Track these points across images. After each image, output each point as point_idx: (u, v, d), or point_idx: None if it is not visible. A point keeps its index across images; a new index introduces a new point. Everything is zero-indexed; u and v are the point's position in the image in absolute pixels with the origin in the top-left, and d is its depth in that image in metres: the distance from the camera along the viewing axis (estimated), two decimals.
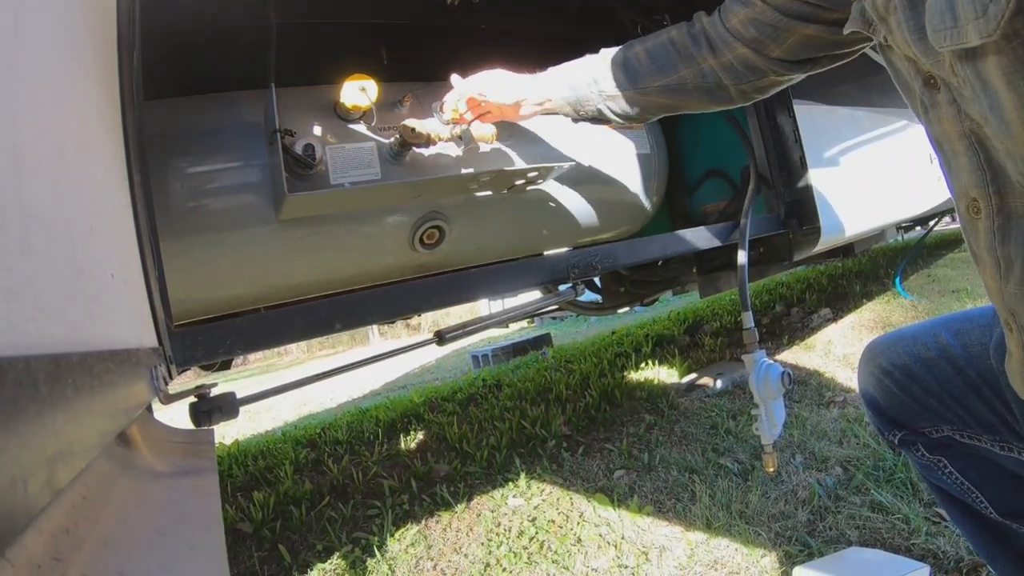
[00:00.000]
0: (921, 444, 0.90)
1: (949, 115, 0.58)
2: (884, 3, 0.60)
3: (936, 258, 4.29)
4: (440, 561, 1.54)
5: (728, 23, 0.90)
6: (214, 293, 1.35)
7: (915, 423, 0.89)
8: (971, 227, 0.59)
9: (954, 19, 0.50)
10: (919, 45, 0.56)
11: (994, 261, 0.57)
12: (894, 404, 0.90)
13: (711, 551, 1.37)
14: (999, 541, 0.89)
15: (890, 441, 0.93)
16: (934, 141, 0.62)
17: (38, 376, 0.25)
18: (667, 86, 1.00)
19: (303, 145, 1.24)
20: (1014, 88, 0.48)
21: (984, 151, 0.55)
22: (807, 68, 0.89)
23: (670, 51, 0.98)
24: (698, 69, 0.96)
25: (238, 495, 2.11)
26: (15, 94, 0.31)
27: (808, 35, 0.81)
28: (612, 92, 1.05)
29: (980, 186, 0.56)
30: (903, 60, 0.62)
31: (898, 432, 0.91)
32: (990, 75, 0.50)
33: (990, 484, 0.85)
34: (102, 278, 0.47)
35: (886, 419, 0.93)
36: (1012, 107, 0.49)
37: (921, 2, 0.55)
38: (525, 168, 1.40)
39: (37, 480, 0.24)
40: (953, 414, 0.84)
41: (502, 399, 2.85)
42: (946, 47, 0.52)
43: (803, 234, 1.86)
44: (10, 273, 0.25)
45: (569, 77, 1.10)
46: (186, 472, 0.63)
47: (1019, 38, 0.47)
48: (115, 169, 0.66)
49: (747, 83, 0.93)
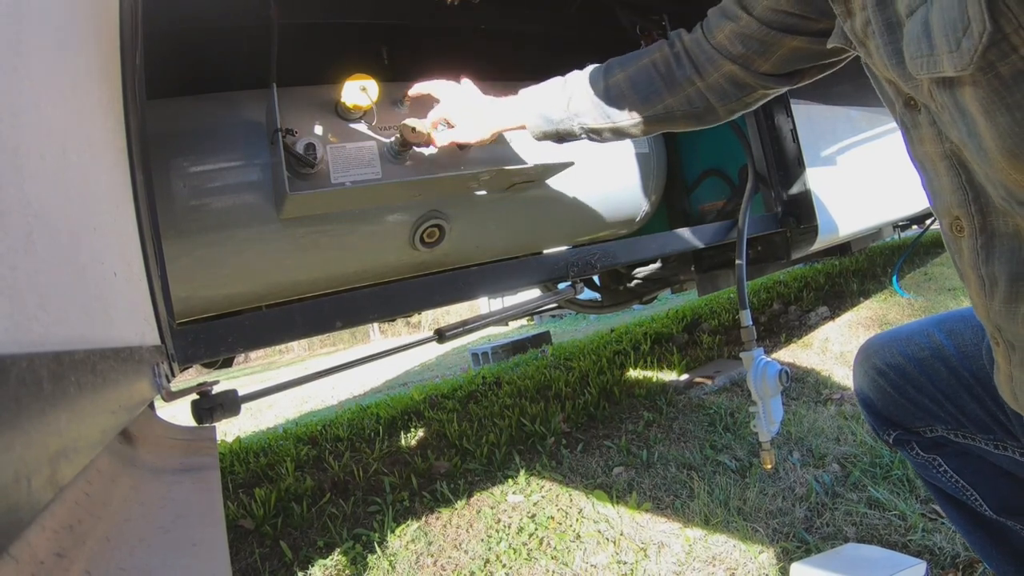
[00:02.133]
0: (916, 443, 0.91)
1: (930, 136, 0.57)
2: (863, 27, 0.60)
3: (932, 256, 4.29)
4: (440, 557, 1.55)
5: (713, 39, 0.87)
6: (216, 291, 1.36)
7: (910, 422, 0.90)
8: (955, 245, 0.60)
9: (931, 47, 0.49)
10: (897, 69, 0.56)
11: (979, 279, 0.57)
12: (889, 404, 0.91)
13: (709, 547, 1.38)
14: (994, 538, 0.90)
15: (885, 440, 0.94)
16: (915, 160, 0.62)
17: (41, 373, 0.25)
18: (653, 116, 0.96)
19: (304, 144, 1.25)
20: (991, 118, 0.48)
21: (965, 171, 0.55)
22: (796, 80, 0.87)
23: (653, 77, 0.94)
24: (684, 96, 0.92)
25: (240, 492, 2.12)
26: (19, 94, 0.32)
27: (795, 47, 0.80)
28: (593, 125, 1.01)
29: (962, 205, 0.56)
30: (884, 81, 0.62)
31: (893, 431, 0.92)
32: (968, 104, 0.49)
33: (985, 482, 0.86)
34: (105, 276, 0.47)
35: (881, 418, 0.93)
36: (988, 136, 0.49)
37: (899, 27, 0.54)
38: (525, 167, 1.40)
39: (40, 477, 0.24)
40: (947, 413, 0.84)
41: (502, 396, 2.86)
42: (923, 75, 0.51)
43: (800, 232, 1.86)
44: (14, 271, 0.26)
45: (544, 107, 1.04)
46: (188, 469, 0.63)
47: (994, 70, 0.46)
48: (118, 168, 0.67)
49: (735, 101, 0.91)
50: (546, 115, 1.04)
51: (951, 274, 3.59)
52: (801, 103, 1.87)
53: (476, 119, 1.12)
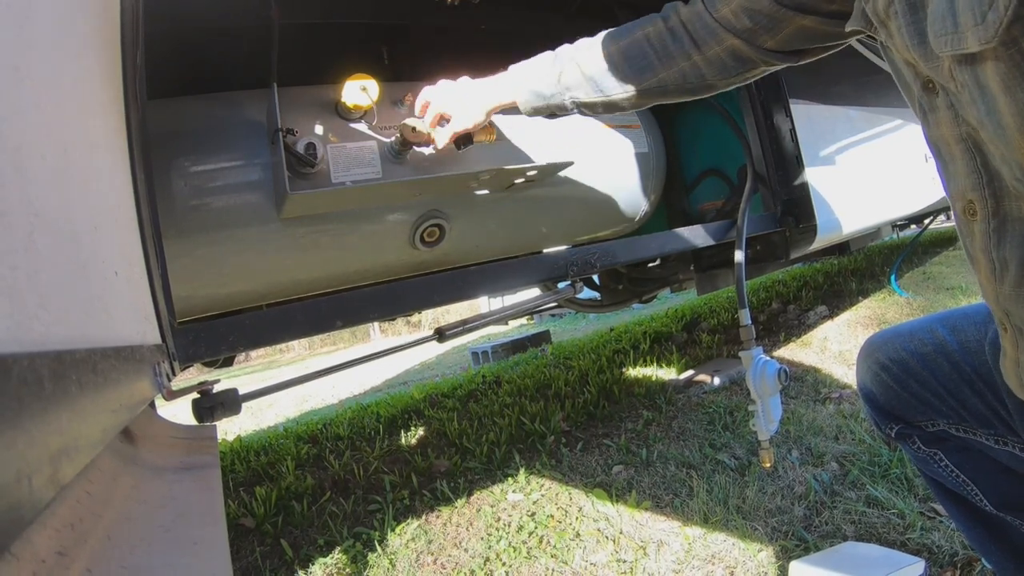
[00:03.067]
0: (917, 437, 0.91)
1: (947, 119, 0.58)
2: (885, 7, 0.60)
3: (931, 256, 4.29)
4: (440, 555, 1.55)
5: (717, 12, 0.85)
6: (217, 290, 1.36)
7: (911, 417, 0.90)
8: (967, 229, 0.60)
9: (955, 24, 0.50)
10: (919, 49, 0.57)
11: (989, 263, 0.58)
12: (891, 398, 0.91)
13: (708, 546, 1.38)
14: (993, 534, 0.90)
15: (887, 434, 0.94)
16: (931, 144, 0.63)
17: (42, 373, 0.25)
18: (646, 89, 0.95)
19: (305, 144, 1.25)
20: (1011, 94, 0.49)
21: (980, 155, 0.56)
22: (798, 59, 0.86)
23: (647, 51, 0.92)
24: (679, 69, 0.91)
25: (241, 490, 2.12)
26: (20, 94, 0.32)
27: (804, 26, 0.79)
28: (586, 100, 1.00)
29: (976, 189, 0.57)
30: (903, 63, 0.62)
31: (895, 425, 0.92)
32: (988, 81, 0.50)
33: (985, 477, 0.86)
34: (106, 276, 0.47)
35: (883, 413, 0.93)
36: (1008, 112, 0.50)
37: (922, 7, 0.55)
38: (524, 167, 1.41)
39: (42, 476, 0.24)
40: (949, 408, 0.85)
41: (502, 395, 2.86)
42: (947, 52, 0.52)
43: (799, 232, 1.86)
44: (15, 271, 0.26)
45: (534, 82, 1.02)
46: (189, 468, 0.63)
47: (1016, 45, 0.47)
48: (119, 168, 0.67)
49: (735, 75, 0.89)
50: (537, 90, 1.02)
51: (949, 273, 3.60)
52: (800, 103, 1.87)
53: (467, 104, 1.10)
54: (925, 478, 0.97)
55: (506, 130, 1.49)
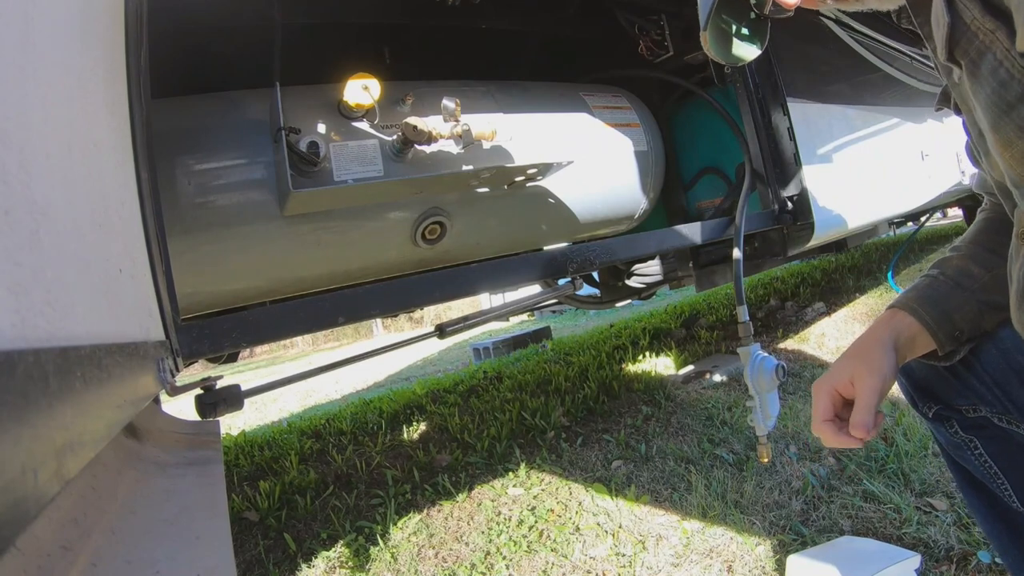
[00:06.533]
0: (956, 421, 0.86)
1: None
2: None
3: (927, 253, 4.29)
4: (442, 549, 1.56)
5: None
6: (220, 287, 1.37)
7: (953, 399, 0.86)
8: (1015, 253, 0.63)
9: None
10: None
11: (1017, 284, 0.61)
12: (932, 376, 0.86)
13: (706, 540, 1.39)
14: (1013, 532, 0.87)
15: (924, 413, 0.89)
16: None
17: (48, 368, 0.26)
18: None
19: (307, 142, 1.25)
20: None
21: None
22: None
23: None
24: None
25: (244, 484, 2.14)
26: (25, 92, 0.32)
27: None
28: None
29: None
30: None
31: (934, 405, 0.88)
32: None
33: (1018, 473, 0.83)
34: (110, 273, 0.48)
35: (922, 390, 0.89)
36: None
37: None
38: (525, 165, 1.41)
39: (47, 470, 0.24)
40: (994, 396, 0.81)
41: (502, 391, 2.87)
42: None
43: (797, 229, 1.87)
44: (20, 268, 0.26)
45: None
46: (192, 462, 0.64)
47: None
48: (123, 166, 0.67)
49: None
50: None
51: None
52: (798, 102, 1.87)
53: (872, 361, 0.82)
54: (950, 464, 0.93)
55: (508, 130, 1.50)
